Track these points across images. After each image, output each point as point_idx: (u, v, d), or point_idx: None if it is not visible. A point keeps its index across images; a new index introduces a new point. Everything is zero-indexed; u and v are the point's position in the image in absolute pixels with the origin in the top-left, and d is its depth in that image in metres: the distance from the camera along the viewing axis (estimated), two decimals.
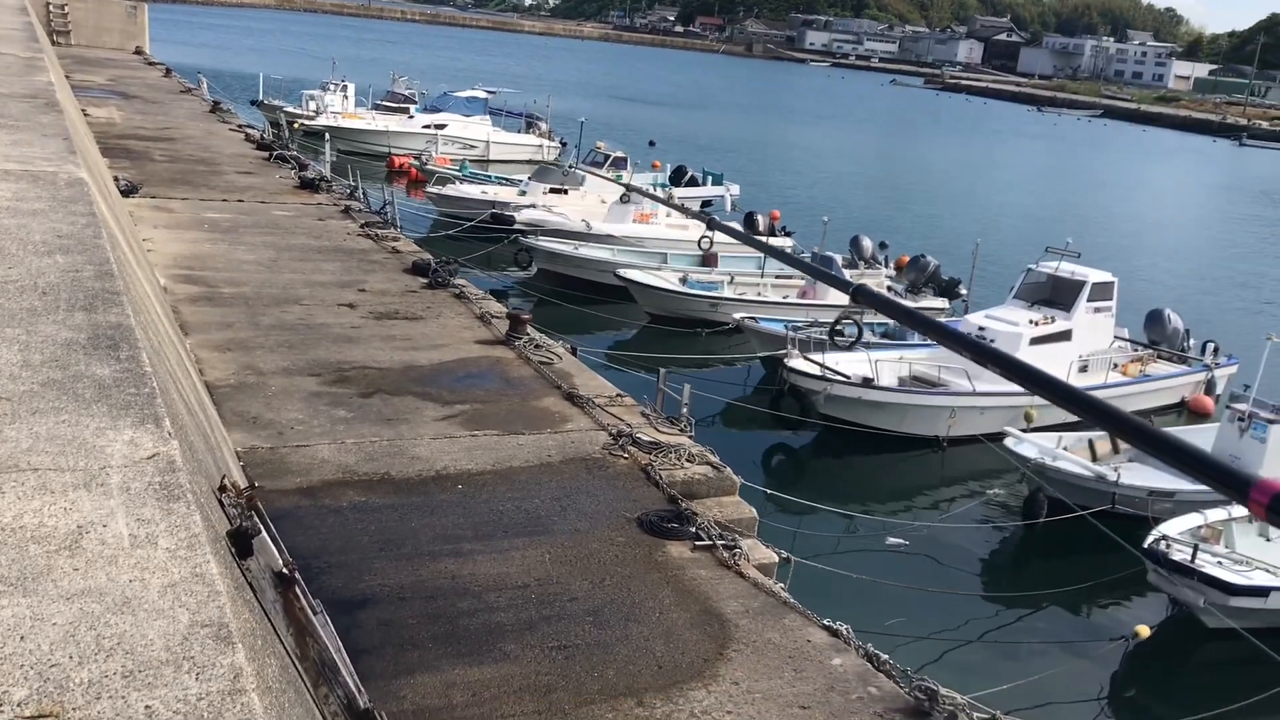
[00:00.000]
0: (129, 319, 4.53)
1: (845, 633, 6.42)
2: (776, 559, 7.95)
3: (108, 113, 24.37)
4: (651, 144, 50.81)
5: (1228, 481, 1.25)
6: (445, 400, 9.39)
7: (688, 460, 8.59)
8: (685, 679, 5.78)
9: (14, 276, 4.88)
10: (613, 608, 6.39)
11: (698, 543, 7.29)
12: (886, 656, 6.24)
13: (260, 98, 44.30)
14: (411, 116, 43.91)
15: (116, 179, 15.32)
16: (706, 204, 35.10)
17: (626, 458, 8.54)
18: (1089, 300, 19.22)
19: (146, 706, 2.15)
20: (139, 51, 41.65)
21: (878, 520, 14.63)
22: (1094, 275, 19.53)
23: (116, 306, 4.68)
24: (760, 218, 29.11)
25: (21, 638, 2.32)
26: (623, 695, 5.57)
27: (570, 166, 32.77)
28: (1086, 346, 19.31)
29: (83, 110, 21.00)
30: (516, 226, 27.02)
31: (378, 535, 6.90)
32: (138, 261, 9.13)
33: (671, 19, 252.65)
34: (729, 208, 34.37)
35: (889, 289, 25.10)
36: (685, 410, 10.08)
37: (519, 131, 45.87)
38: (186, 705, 2.18)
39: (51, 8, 38.81)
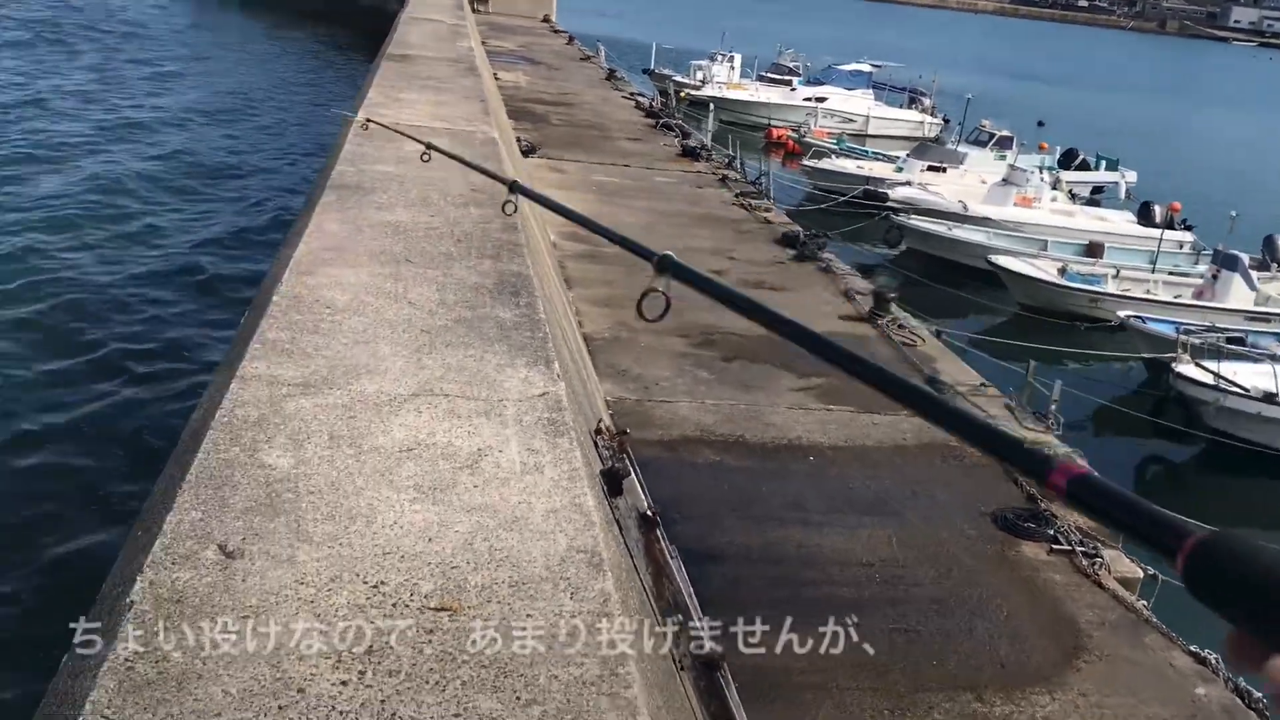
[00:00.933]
0: (528, 270, 4.95)
1: (1214, 662, 5.92)
2: (1141, 574, 7.42)
3: (515, 77, 26.31)
4: (1040, 124, 47.99)
5: (1026, 463, 1.16)
6: (802, 372, 9.48)
7: None
8: (1029, 682, 5.57)
9: (436, 224, 5.46)
10: (957, 599, 6.26)
11: (1055, 546, 6.96)
12: (1260, 695, 5.69)
13: (651, 67, 46.06)
14: (793, 89, 44.09)
15: (519, 139, 16.58)
16: (1098, 190, 32.83)
17: None
18: None
19: (528, 615, 2.40)
20: (546, 19, 44.59)
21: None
22: None
23: (518, 258, 5.13)
24: (1158, 208, 26.90)
25: (430, 540, 2.64)
26: (962, 689, 5.46)
27: (955, 143, 31.77)
28: None
29: (494, 74, 22.83)
30: (889, 204, 26.59)
31: (730, 494, 7.13)
32: (534, 218, 9.88)
33: None
34: (1123, 195, 31.95)
35: None
36: (1054, 408, 9.59)
37: (901, 107, 44.94)
38: (561, 620, 2.40)
39: None
